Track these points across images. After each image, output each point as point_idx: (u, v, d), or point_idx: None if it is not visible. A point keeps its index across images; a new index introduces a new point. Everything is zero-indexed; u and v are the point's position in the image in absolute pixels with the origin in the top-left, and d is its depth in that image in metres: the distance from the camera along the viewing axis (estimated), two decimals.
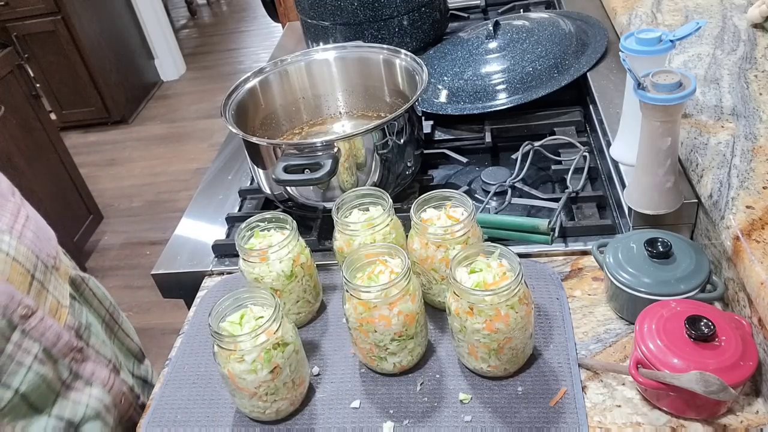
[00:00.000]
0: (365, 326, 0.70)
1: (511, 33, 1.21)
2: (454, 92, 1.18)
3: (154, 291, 1.04)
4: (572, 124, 1.11)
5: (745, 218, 0.70)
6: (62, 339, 0.72)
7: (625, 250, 0.77)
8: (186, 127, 3.68)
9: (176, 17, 5.33)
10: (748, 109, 0.87)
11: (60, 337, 0.72)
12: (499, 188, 0.99)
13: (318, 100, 1.16)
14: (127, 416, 0.83)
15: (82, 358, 0.75)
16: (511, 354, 0.70)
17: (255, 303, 0.72)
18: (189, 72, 4.37)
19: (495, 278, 0.69)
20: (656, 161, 0.77)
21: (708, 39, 1.06)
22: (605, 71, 1.14)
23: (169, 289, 1.01)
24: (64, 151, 2.65)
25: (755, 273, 0.64)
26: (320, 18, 1.37)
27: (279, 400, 0.71)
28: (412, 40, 1.38)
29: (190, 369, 0.81)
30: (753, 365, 0.63)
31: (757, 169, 0.77)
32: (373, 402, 0.73)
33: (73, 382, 0.74)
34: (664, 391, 0.64)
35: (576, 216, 0.93)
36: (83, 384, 0.75)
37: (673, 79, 0.72)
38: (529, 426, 0.67)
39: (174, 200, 3.04)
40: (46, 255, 0.74)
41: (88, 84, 3.55)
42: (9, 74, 2.39)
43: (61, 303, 0.75)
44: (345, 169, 0.91)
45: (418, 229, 0.77)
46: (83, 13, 3.46)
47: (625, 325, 0.77)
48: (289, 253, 0.79)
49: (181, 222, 1.08)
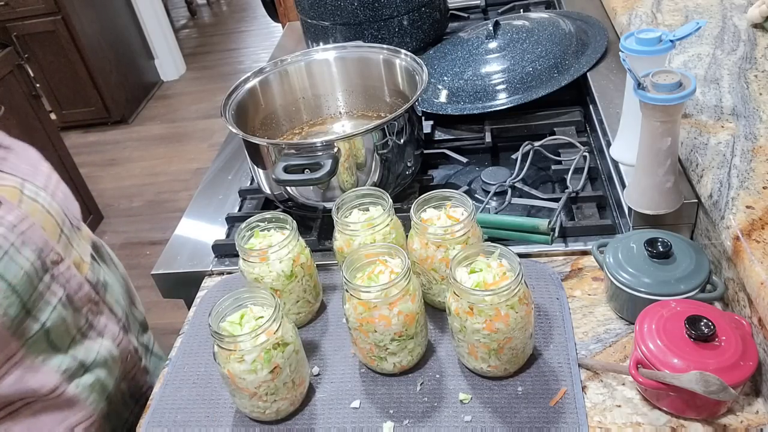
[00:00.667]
0: (365, 326, 0.70)
1: (511, 33, 1.21)
2: (454, 92, 1.18)
3: (154, 291, 1.04)
4: (572, 124, 1.11)
5: (745, 218, 0.70)
6: (83, 289, 0.79)
7: (625, 250, 0.77)
8: (186, 127, 3.68)
9: (176, 17, 5.33)
10: (748, 109, 0.87)
11: (81, 287, 0.79)
12: (499, 188, 0.99)
13: (318, 100, 1.16)
14: (131, 375, 0.88)
15: (98, 311, 0.82)
16: (511, 354, 0.70)
17: (255, 303, 0.72)
18: (189, 72, 4.37)
19: (495, 278, 0.69)
20: (656, 161, 0.77)
21: (708, 39, 1.06)
22: (605, 71, 1.14)
23: (169, 289, 1.01)
24: (64, 151, 2.65)
25: (755, 273, 0.64)
26: (320, 18, 1.37)
27: (279, 400, 0.71)
28: (412, 40, 1.38)
29: (190, 369, 0.81)
30: (753, 365, 0.63)
31: (757, 169, 0.77)
32: (373, 402, 0.73)
33: (88, 330, 0.80)
34: (664, 391, 0.64)
35: (576, 216, 0.93)
36: (96, 334, 0.81)
37: (673, 79, 0.72)
38: (529, 426, 0.67)
39: (174, 200, 3.04)
40: (72, 215, 0.82)
41: (88, 84, 3.55)
42: (9, 74, 2.39)
43: (83, 259, 0.82)
44: (345, 169, 0.91)
45: (418, 229, 0.77)
46: (83, 13, 3.46)
47: (625, 325, 0.77)
48: (289, 253, 0.79)
49: (181, 222, 1.08)
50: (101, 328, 0.82)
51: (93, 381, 0.79)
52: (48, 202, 0.77)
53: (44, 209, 0.75)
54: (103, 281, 0.85)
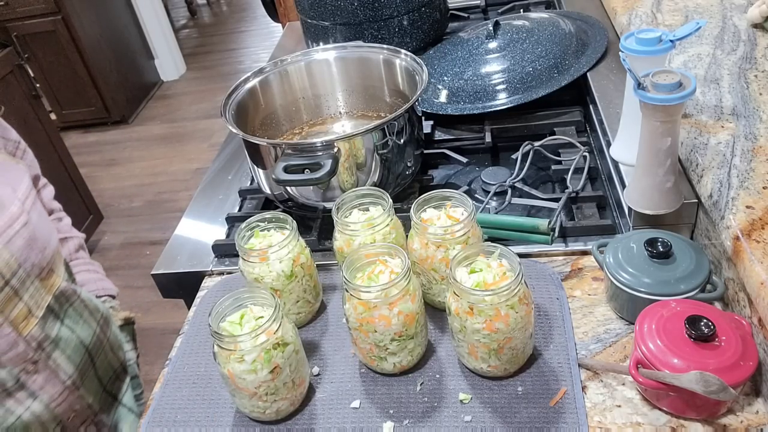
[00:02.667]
0: (365, 326, 0.70)
1: (511, 33, 1.21)
2: (454, 92, 1.18)
3: (154, 291, 1.04)
4: (572, 124, 1.11)
5: (745, 218, 0.70)
6: (16, 348, 0.72)
7: (625, 250, 0.77)
8: (186, 127, 3.68)
9: (176, 17, 5.33)
10: (748, 109, 0.87)
11: (14, 346, 0.72)
12: (499, 188, 0.99)
13: (318, 100, 1.16)
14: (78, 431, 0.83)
15: (35, 369, 0.75)
16: (511, 354, 0.70)
17: (255, 303, 0.72)
18: (189, 72, 4.37)
19: (495, 278, 0.69)
20: (656, 161, 0.77)
21: (708, 39, 1.06)
22: (605, 71, 1.14)
23: (169, 289, 1.01)
24: (64, 151, 2.65)
25: (755, 273, 0.64)
26: (320, 18, 1.37)
27: (279, 400, 0.71)
28: (412, 40, 1.38)
29: (190, 369, 0.81)
30: (753, 365, 0.63)
31: (757, 169, 0.77)
32: (373, 402, 0.73)
33: (16, 391, 0.74)
34: (664, 391, 0.64)
35: (576, 216, 0.93)
36: (26, 395, 0.75)
37: (673, 79, 0.72)
38: (529, 426, 0.67)
39: (174, 200, 3.04)
40: (31, 264, 0.74)
41: (88, 84, 3.55)
42: (9, 74, 2.39)
43: (33, 312, 0.75)
44: (345, 169, 0.91)
45: (418, 229, 0.77)
46: (83, 13, 3.46)
47: (625, 325, 0.77)
48: (289, 253, 0.79)
49: (181, 222, 1.08)
50: (35, 388, 0.76)
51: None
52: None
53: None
54: (55, 337, 0.77)
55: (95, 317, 0.87)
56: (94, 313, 0.87)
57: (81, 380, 0.82)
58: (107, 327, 0.90)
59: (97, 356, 0.86)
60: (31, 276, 0.74)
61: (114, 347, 0.91)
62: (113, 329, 0.92)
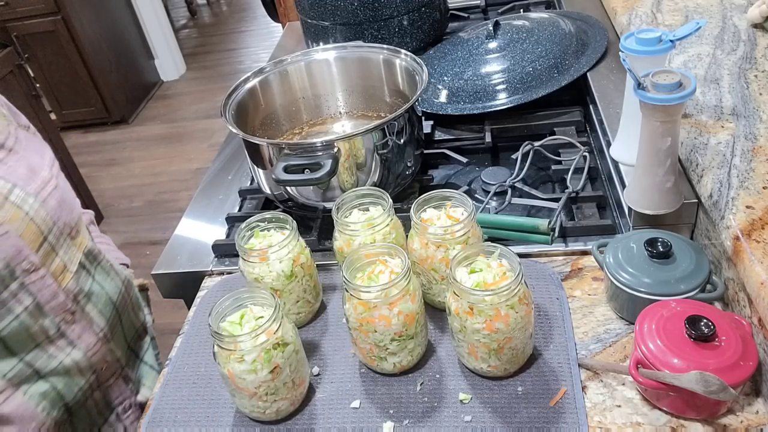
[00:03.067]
0: (365, 326, 0.70)
1: (511, 33, 1.21)
2: (454, 92, 1.18)
3: (154, 291, 1.04)
4: (572, 124, 1.11)
5: (745, 218, 0.70)
6: (57, 298, 0.78)
7: (625, 250, 0.77)
8: (186, 127, 3.68)
9: (176, 17, 5.33)
10: (748, 109, 0.87)
11: (55, 296, 0.78)
12: (499, 188, 0.99)
13: (318, 100, 1.16)
14: (108, 384, 0.87)
15: (73, 320, 0.81)
16: (511, 354, 0.70)
17: (255, 303, 0.72)
18: (189, 72, 4.37)
19: (495, 278, 0.69)
20: (656, 161, 0.77)
21: (708, 39, 1.06)
22: (605, 71, 1.14)
23: (169, 289, 1.01)
24: (64, 151, 2.65)
25: (755, 273, 0.64)
26: (320, 18, 1.37)
27: (279, 400, 0.71)
28: (412, 40, 1.38)
29: (190, 369, 0.81)
30: (753, 365, 0.63)
31: (757, 169, 0.77)
32: (373, 402, 0.73)
33: (57, 339, 0.79)
34: (664, 391, 0.64)
35: (576, 216, 0.93)
36: (66, 343, 0.80)
37: (673, 79, 0.72)
38: (529, 426, 0.67)
39: (174, 200, 3.04)
40: (63, 223, 0.81)
41: (88, 84, 3.55)
42: (9, 74, 2.39)
43: (68, 267, 0.81)
44: (345, 169, 0.91)
45: (418, 229, 0.77)
46: (83, 13, 3.46)
47: (625, 325, 0.77)
48: (289, 253, 0.79)
49: (181, 222, 1.08)
50: (74, 337, 0.81)
51: (46, 389, 0.78)
52: (35, 209, 0.76)
53: (27, 216, 0.75)
54: (87, 291, 0.83)
55: (120, 277, 0.93)
56: (119, 273, 0.93)
57: (111, 334, 0.87)
58: (130, 288, 0.96)
59: (123, 313, 0.92)
60: (63, 234, 0.80)
61: (135, 308, 0.97)
62: (134, 291, 0.98)
